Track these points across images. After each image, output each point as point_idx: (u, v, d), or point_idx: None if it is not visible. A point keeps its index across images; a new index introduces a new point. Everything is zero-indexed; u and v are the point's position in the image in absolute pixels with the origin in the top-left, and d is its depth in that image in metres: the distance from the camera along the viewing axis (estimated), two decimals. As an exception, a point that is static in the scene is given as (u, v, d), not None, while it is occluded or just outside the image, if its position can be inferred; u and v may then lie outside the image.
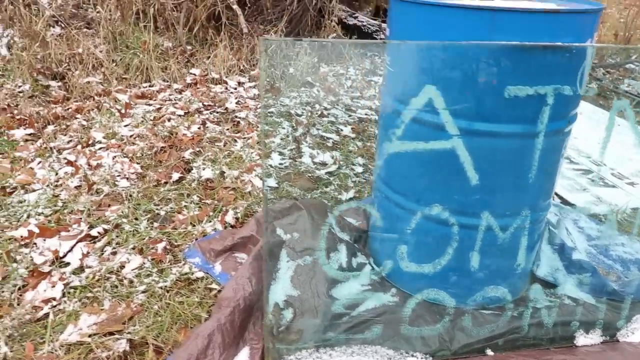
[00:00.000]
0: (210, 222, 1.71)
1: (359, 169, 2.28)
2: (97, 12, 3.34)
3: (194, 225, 1.69)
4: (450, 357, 1.26)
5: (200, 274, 1.44)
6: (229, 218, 1.74)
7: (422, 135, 1.10)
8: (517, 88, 1.03)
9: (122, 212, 1.71)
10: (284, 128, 2.66)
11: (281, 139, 2.51)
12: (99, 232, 1.58)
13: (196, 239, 1.60)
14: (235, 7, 3.34)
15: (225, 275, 1.42)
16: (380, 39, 4.50)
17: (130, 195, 1.83)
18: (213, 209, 1.80)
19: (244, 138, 2.46)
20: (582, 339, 1.38)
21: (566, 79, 1.06)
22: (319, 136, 2.63)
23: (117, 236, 1.59)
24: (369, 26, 4.65)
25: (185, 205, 1.81)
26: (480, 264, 1.32)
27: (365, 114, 3.02)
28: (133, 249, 1.53)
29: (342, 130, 2.73)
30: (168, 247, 1.56)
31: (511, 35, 0.99)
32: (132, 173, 2.00)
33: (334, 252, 1.43)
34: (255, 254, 1.39)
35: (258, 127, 2.61)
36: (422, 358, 1.24)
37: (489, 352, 1.29)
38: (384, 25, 4.58)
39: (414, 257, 1.32)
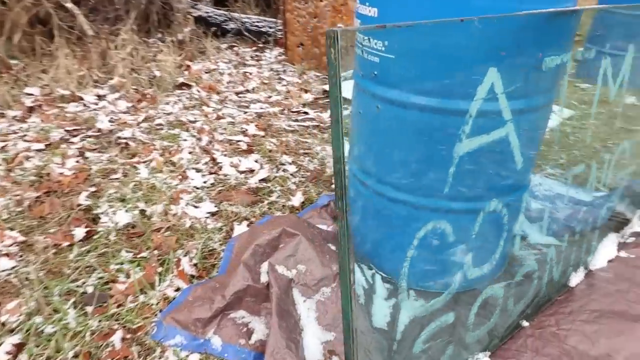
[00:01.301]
0: (164, 281, 1.30)
1: (291, 168, 2.04)
2: None
3: (146, 293, 1.25)
4: (500, 344, 1.19)
5: (195, 357, 1.06)
6: (187, 267, 1.35)
7: (485, 127, 0.95)
8: (550, 59, 0.95)
9: (28, 307, 1.17)
10: (185, 140, 2.22)
11: (190, 153, 2.09)
12: (7, 353, 1.03)
13: (160, 311, 1.18)
14: (69, 5, 2.63)
15: (233, 347, 1.07)
16: (232, 29, 4.18)
17: (27, 279, 1.27)
18: (158, 261, 1.37)
19: (144, 162, 1.97)
20: (574, 280, 1.46)
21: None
22: (226, 141, 2.28)
23: (38, 347, 1.07)
24: (216, 17, 4.26)
25: (117, 269, 1.33)
26: (505, 244, 1.27)
27: (261, 108, 2.75)
28: (76, 358, 1.05)
29: (246, 129, 2.43)
30: (127, 336, 1.11)
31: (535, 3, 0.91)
32: (11, 245, 1.40)
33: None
34: (277, 310, 1.07)
35: (155, 144, 2.13)
36: (484, 357, 1.14)
37: (525, 322, 1.26)
38: (235, 14, 4.25)
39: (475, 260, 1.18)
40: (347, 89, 2.99)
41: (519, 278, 1.24)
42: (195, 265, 1.37)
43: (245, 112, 2.68)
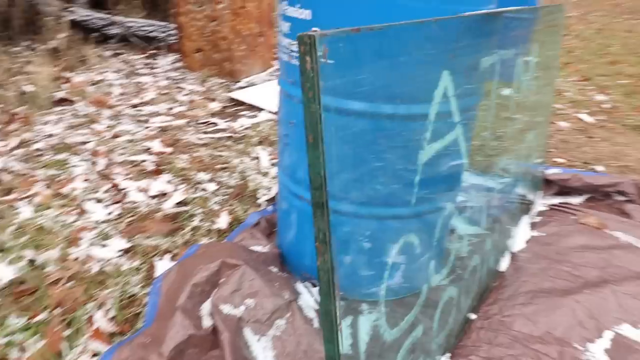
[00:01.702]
0: (75, 347, 1.04)
1: (210, 186, 1.84)
2: None
3: (52, 366, 0.98)
4: (456, 343, 1.17)
5: None
6: (103, 324, 1.10)
7: (441, 131, 0.88)
8: (485, 59, 0.93)
9: None
10: (75, 166, 1.88)
11: (85, 181, 1.77)
12: None
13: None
14: None
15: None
16: (116, 34, 3.76)
17: None
18: (62, 322, 1.10)
19: (25, 198, 1.61)
20: (503, 264, 1.52)
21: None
22: (128, 162, 1.99)
23: None
24: (95, 21, 3.80)
25: (6, 343, 1.03)
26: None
27: (163, 122, 2.48)
28: None
29: (150, 147, 2.15)
30: None
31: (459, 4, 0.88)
32: None
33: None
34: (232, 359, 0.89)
35: (36, 175, 1.76)
36: (445, 358, 1.10)
37: (473, 315, 1.27)
38: (118, 18, 3.82)
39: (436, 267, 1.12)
40: (249, 97, 2.84)
41: (467, 275, 1.24)
42: (113, 319, 1.13)
43: (146, 127, 2.38)
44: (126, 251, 1.40)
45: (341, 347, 0.64)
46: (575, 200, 1.94)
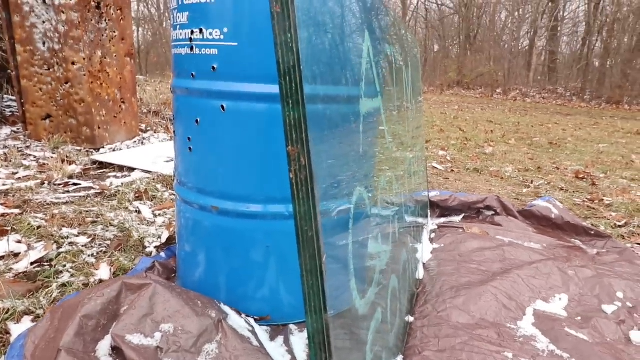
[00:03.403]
0: None
1: (81, 239, 1.51)
2: None
3: None
4: (405, 345, 1.08)
5: None
6: None
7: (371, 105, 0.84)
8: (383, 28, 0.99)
9: None
10: None
11: None
12: None
13: None
14: None
15: None
16: None
17: None
18: None
19: None
20: (420, 273, 1.54)
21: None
22: (-46, 229, 1.52)
23: None
24: None
25: None
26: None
27: (4, 185, 2.02)
28: None
29: (-13, 211, 1.71)
30: None
31: None
32: None
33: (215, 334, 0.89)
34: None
35: None
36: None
37: (410, 318, 1.22)
38: None
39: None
40: (117, 158, 2.55)
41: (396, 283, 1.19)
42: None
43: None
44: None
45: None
46: (456, 218, 2.13)
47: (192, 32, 1.02)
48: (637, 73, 13.71)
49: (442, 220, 2.10)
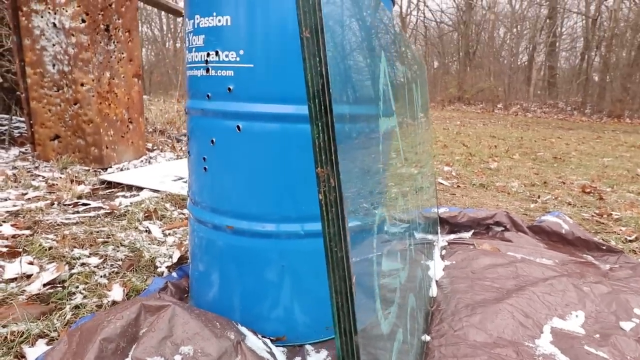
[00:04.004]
0: None
1: (92, 260, 1.50)
2: None
3: None
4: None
5: None
6: None
7: (386, 127, 0.85)
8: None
9: None
10: None
11: None
12: None
13: None
14: None
15: None
16: None
17: None
18: None
19: None
20: (433, 291, 1.52)
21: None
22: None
23: None
24: None
25: None
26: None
27: (14, 206, 2.03)
28: None
29: (-2, 233, 1.71)
30: None
31: None
32: None
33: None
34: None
35: None
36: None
37: (427, 337, 1.20)
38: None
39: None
40: (125, 178, 2.56)
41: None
42: None
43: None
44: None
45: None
46: (466, 235, 2.12)
47: (208, 55, 1.03)
48: (637, 87, 13.82)
49: (452, 236, 2.09)
